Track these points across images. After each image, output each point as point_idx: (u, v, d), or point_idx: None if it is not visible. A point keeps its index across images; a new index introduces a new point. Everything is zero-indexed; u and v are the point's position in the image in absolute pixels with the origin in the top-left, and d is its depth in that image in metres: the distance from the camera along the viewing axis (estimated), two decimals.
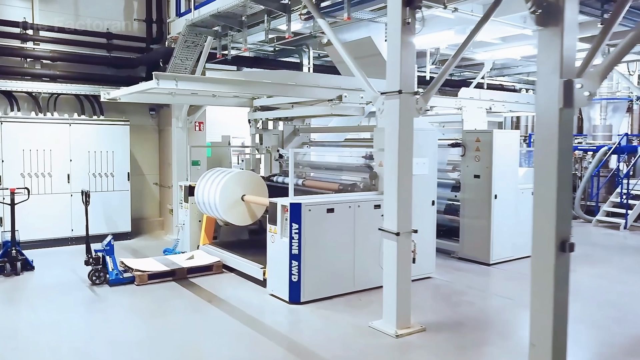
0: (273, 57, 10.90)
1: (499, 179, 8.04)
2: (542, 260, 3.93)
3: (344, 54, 5.84)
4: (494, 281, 7.36)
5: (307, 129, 9.72)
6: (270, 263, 6.51)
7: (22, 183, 8.75)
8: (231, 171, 7.97)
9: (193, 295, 6.54)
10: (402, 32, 5.01)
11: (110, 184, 9.70)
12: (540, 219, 3.92)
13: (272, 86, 6.41)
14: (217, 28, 8.28)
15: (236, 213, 7.77)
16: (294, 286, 6.12)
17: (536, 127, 3.98)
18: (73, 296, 6.46)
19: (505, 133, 8.51)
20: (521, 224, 8.39)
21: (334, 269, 6.40)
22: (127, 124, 9.83)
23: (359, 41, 8.23)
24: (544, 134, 3.84)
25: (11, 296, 6.57)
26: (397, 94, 5.08)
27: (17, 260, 7.33)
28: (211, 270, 7.50)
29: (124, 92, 7.09)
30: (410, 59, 5.13)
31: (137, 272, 6.98)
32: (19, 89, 9.18)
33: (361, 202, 6.58)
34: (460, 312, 5.99)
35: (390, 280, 5.28)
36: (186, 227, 8.67)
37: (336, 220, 6.37)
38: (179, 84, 5.70)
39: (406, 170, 5.20)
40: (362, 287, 6.62)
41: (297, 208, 6.08)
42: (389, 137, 5.21)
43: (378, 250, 6.68)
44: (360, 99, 7.18)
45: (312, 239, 6.16)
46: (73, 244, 9.30)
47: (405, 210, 5.23)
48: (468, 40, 5.63)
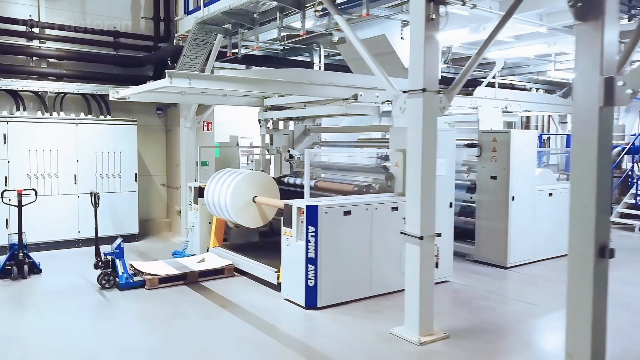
0: (282, 55, 10.71)
1: (516, 180, 7.85)
2: (580, 266, 3.72)
3: (363, 52, 5.66)
4: (513, 285, 7.17)
5: (318, 129, 9.54)
6: (285, 267, 6.32)
7: (28, 184, 8.58)
8: (242, 172, 7.79)
9: (205, 300, 6.36)
10: (425, 28, 4.82)
11: (118, 185, 9.52)
12: (577, 223, 3.72)
13: (287, 85, 6.23)
14: (228, 26, 8.10)
15: (247, 215, 7.59)
16: (311, 291, 5.93)
17: (573, 127, 3.79)
18: (82, 301, 6.28)
19: (523, 133, 8.32)
20: (538, 226, 8.23)
21: (351, 273, 6.21)
22: (135, 124, 9.65)
23: (373, 39, 8.03)
24: (583, 134, 3.65)
25: (19, 301, 6.40)
26: (420, 93, 4.89)
27: (25, 264, 7.15)
28: (223, 273, 7.32)
29: (133, 91, 6.91)
30: (434, 56, 4.94)
31: (148, 275, 6.80)
32: (24, 88, 9.01)
33: (378, 204, 6.39)
34: (482, 318, 5.80)
35: (412, 285, 5.10)
36: (196, 229, 8.48)
37: (353, 223, 6.18)
38: (192, 82, 5.51)
39: (430, 171, 5.01)
40: (379, 292, 6.43)
41: (313, 210, 5.89)
42: (412, 137, 5.03)
43: (396, 254, 6.53)
44: (376, 98, 6.99)
45: (329, 242, 5.97)
46: (80, 246, 9.13)
47: (429, 213, 5.05)
48: (492, 37, 5.42)
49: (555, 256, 8.50)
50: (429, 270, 5.09)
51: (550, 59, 11.74)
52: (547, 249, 8.43)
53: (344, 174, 8.11)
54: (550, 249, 8.47)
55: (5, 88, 8.84)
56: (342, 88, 6.67)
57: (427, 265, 5.07)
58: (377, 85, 7.05)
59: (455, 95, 5.25)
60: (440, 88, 5.03)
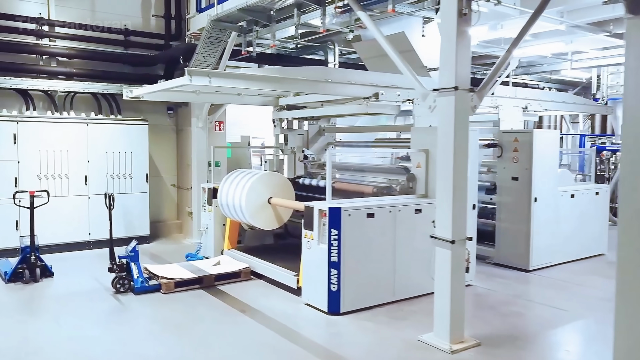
0: (295, 54, 10.52)
1: (539, 181, 7.65)
2: (631, 270, 3.51)
3: (389, 49, 5.47)
4: (538, 289, 6.97)
5: (333, 129, 9.35)
6: (306, 271, 6.14)
7: (38, 185, 8.41)
8: (257, 173, 7.60)
9: (223, 305, 6.18)
10: (457, 23, 4.64)
11: (129, 185, 9.34)
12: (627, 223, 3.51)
13: (309, 83, 6.05)
14: (243, 23, 7.91)
15: (263, 217, 7.41)
16: (333, 296, 5.75)
17: (624, 127, 3.58)
18: (97, 306, 6.10)
19: (546, 133, 8.16)
20: (560, 228, 8.03)
21: (374, 277, 6.03)
22: (146, 124, 9.47)
23: (392, 37, 7.82)
24: (634, 132, 3.45)
25: (32, 306, 6.22)
26: (452, 91, 4.70)
27: (37, 267, 6.98)
28: (239, 277, 7.14)
29: (149, 89, 6.73)
30: (466, 53, 4.77)
31: (163, 279, 6.62)
32: (34, 87, 8.83)
33: (402, 207, 6.20)
34: (511, 324, 5.61)
35: (443, 291, 4.91)
36: (210, 231, 8.30)
37: (376, 226, 5.99)
38: (212, 80, 5.33)
39: (461, 173, 4.83)
40: (402, 297, 6.25)
41: (336, 213, 5.70)
42: (443, 137, 4.84)
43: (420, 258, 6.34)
44: (397, 96, 6.80)
45: (352, 246, 5.79)
46: (90, 248, 8.96)
47: (460, 216, 4.86)
48: (523, 33, 5.28)
49: (576, 259, 8.33)
50: (459, 276, 4.90)
51: (566, 58, 11.54)
52: (569, 252, 8.24)
53: (362, 174, 7.91)
54: (571, 251, 8.28)
55: (15, 87, 8.67)
56: (362, 86, 6.48)
57: (458, 270, 4.89)
58: (398, 84, 6.90)
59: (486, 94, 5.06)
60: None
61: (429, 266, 5.14)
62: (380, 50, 8.63)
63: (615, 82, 13.49)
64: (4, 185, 8.20)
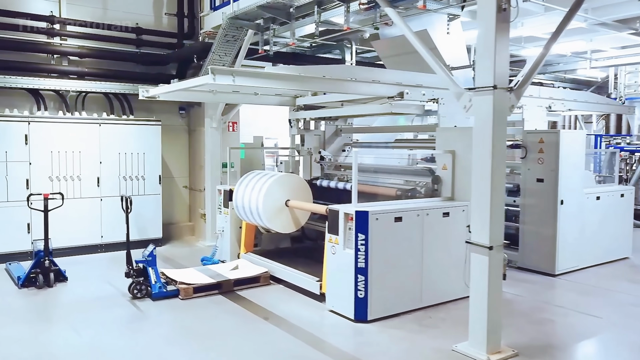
0: (310, 53, 10.32)
1: (565, 183, 7.44)
2: None
3: (419, 47, 5.27)
4: (567, 295, 6.74)
5: (350, 129, 9.14)
6: (331, 276, 5.93)
7: (50, 187, 8.22)
8: (273, 174, 7.38)
9: (245, 311, 5.97)
10: (497, 19, 4.43)
11: (141, 187, 9.15)
12: None
13: (333, 82, 5.83)
14: (260, 21, 7.72)
15: (280, 220, 7.19)
16: (360, 303, 5.54)
17: None
18: (115, 312, 5.90)
19: (572, 133, 7.93)
20: (586, 231, 7.82)
21: (401, 283, 5.82)
22: (159, 124, 9.28)
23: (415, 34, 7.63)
24: None
25: (48, 313, 6.03)
26: (490, 90, 4.49)
27: (50, 271, 6.78)
28: (258, 281, 6.94)
29: (166, 89, 6.53)
30: (505, 50, 4.55)
31: (182, 284, 6.43)
32: (45, 87, 8.64)
33: (429, 210, 5.99)
34: (546, 332, 5.39)
35: (479, 299, 4.70)
36: (226, 234, 8.10)
37: (404, 230, 5.79)
38: (236, 79, 5.12)
39: (499, 175, 4.62)
40: (430, 303, 6.04)
41: (363, 217, 5.49)
42: (480, 138, 4.63)
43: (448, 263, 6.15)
44: (422, 96, 6.59)
45: (380, 251, 5.58)
46: (103, 251, 8.78)
47: (498, 220, 4.65)
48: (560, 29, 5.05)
49: (601, 262, 8.12)
50: (497, 283, 4.70)
51: (585, 56, 11.32)
52: (594, 255, 8.04)
53: (383, 176, 7.68)
54: (596, 255, 8.08)
55: (26, 87, 8.48)
56: (387, 85, 6.27)
57: (495, 277, 4.68)
58: (423, 83, 6.69)
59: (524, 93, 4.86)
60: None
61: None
62: (400, 48, 8.51)
63: (633, 82, 13.26)
64: (15, 187, 8.02)
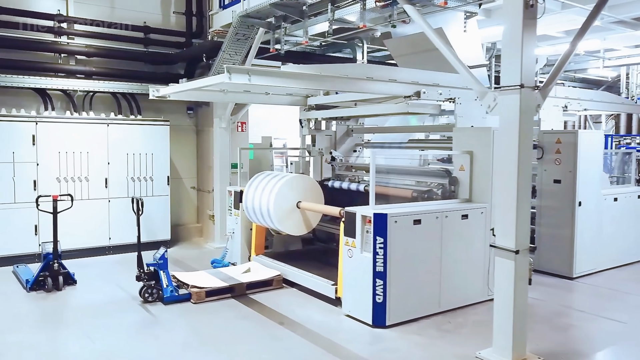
0: (320, 52, 10.17)
1: (583, 185, 7.29)
2: None
3: (441, 45, 5.11)
4: (588, 299, 6.59)
5: (362, 129, 9.00)
6: (347, 280, 5.79)
7: (58, 188, 8.10)
8: (284, 175, 7.24)
9: (259, 316, 5.83)
10: (524, 16, 4.28)
11: (149, 188, 9.01)
12: None
13: (350, 81, 5.69)
14: (271, 19, 7.57)
15: (291, 222, 7.04)
16: (379, 308, 5.40)
17: None
18: (127, 317, 5.77)
19: (590, 133, 7.78)
20: (603, 233, 7.68)
21: (420, 287, 5.68)
22: (167, 124, 9.14)
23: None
24: None
25: (58, 317, 5.90)
26: (517, 89, 4.35)
27: (59, 274, 6.66)
28: (271, 285, 6.80)
29: (177, 88, 6.40)
30: (532, 48, 4.41)
31: (194, 288, 6.29)
32: (52, 87, 8.51)
33: (448, 212, 5.85)
34: (571, 339, 5.25)
35: (504, 305, 4.56)
36: (236, 236, 7.96)
37: (422, 233, 5.64)
38: (252, 78, 4.99)
39: (526, 177, 4.48)
40: (448, 307, 5.91)
41: (382, 220, 5.35)
42: (506, 138, 4.49)
43: (466, 266, 6.01)
44: (439, 95, 6.45)
45: (399, 255, 5.44)
46: (111, 253, 8.65)
47: (524, 223, 4.51)
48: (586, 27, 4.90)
49: (619, 265, 7.97)
50: (522, 288, 4.55)
51: (598, 55, 11.16)
52: (612, 258, 7.89)
53: (396, 177, 7.52)
54: (614, 257, 7.94)
55: (33, 86, 8.34)
56: (404, 84, 6.13)
57: (522, 282, 4.54)
58: (440, 82, 6.55)
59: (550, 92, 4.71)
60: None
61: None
62: (413, 47, 8.37)
63: None
64: (22, 189, 7.89)
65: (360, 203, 6.06)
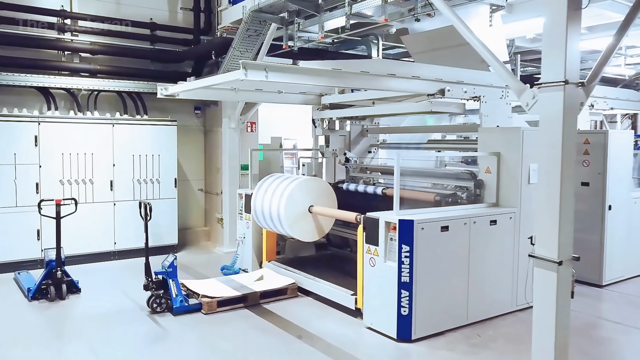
0: (333, 49, 9.81)
1: (613, 187, 6.92)
2: None
3: (472, 38, 4.76)
4: (622, 309, 6.22)
5: (377, 129, 8.64)
6: (369, 290, 5.43)
7: (61, 191, 7.77)
8: (296, 178, 6.86)
9: (276, 329, 5.48)
10: (568, 5, 3.92)
11: (156, 191, 8.67)
12: None
13: (372, 78, 5.33)
14: (284, 14, 7.23)
15: (303, 228, 6.64)
16: (404, 321, 5.04)
17: None
18: (134, 329, 5.43)
19: (621, 133, 7.42)
20: (633, 238, 7.31)
21: (447, 298, 5.33)
22: (175, 124, 8.80)
23: (450, 28, 7.13)
24: None
25: (62, 329, 5.56)
26: (561, 85, 3.99)
27: (62, 282, 6.32)
28: (285, 293, 6.45)
29: (186, 87, 6.06)
30: (577, 40, 4.05)
31: (205, 298, 5.94)
32: (56, 85, 8.17)
33: (476, 218, 5.49)
34: (611, 354, 4.91)
35: (544, 319, 4.19)
36: (247, 241, 7.62)
37: (450, 240, 5.29)
38: (269, 75, 4.64)
39: (569, 180, 4.11)
40: (476, 319, 5.55)
41: (408, 226, 4.99)
42: (547, 139, 4.12)
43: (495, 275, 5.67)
44: (463, 93, 6.09)
45: (425, 264, 5.08)
46: (116, 258, 8.31)
47: (568, 231, 4.14)
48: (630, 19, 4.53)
49: None
50: (565, 302, 4.18)
51: (620, 53, 10.78)
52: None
53: (415, 179, 7.15)
54: None
55: (36, 85, 8.01)
56: (428, 82, 5.77)
57: (564, 295, 4.17)
58: (464, 79, 6.19)
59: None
60: None
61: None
62: (432, 43, 8.00)
63: None
64: (24, 192, 7.56)
65: (378, 207, 5.71)
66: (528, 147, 5.84)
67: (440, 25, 7.80)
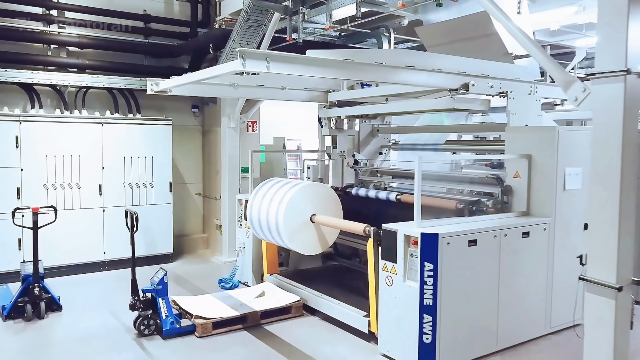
0: (340, 42, 9.15)
1: None
2: None
3: (509, 25, 4.09)
4: None
5: (389, 129, 7.98)
6: (385, 313, 4.76)
7: (44, 196, 7.13)
8: (296, 183, 6.16)
9: (279, 356, 4.81)
10: None
11: (150, 196, 8.03)
12: None
13: (390, 70, 4.66)
14: (288, 3, 6.57)
15: (304, 239, 5.93)
16: (426, 349, 4.37)
17: None
18: (117, 357, 4.77)
19: None
20: None
21: (475, 323, 4.65)
22: (170, 124, 8.16)
23: (472, 17, 6.48)
24: None
25: (36, 354, 4.89)
26: (621, 75, 3.31)
27: (41, 300, 5.68)
28: (289, 312, 5.78)
29: (180, 81, 5.41)
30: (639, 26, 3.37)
31: (199, 319, 5.28)
32: (40, 81, 7.53)
33: (507, 230, 4.82)
34: None
35: (598, 353, 3.52)
36: (247, 252, 6.96)
37: (478, 256, 4.61)
38: (271, 65, 3.99)
39: (630, 188, 3.44)
40: (506, 345, 4.89)
41: (432, 241, 4.32)
42: (603, 138, 3.45)
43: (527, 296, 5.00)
44: (489, 88, 5.41)
45: (451, 284, 4.41)
46: (105, 269, 7.67)
47: (628, 251, 3.47)
48: None
49: None
50: (624, 334, 3.51)
51: None
52: None
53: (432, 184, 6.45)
54: None
55: (18, 81, 7.37)
56: (451, 75, 5.10)
57: (623, 326, 3.50)
58: (490, 73, 5.52)
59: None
60: None
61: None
62: (449, 35, 7.33)
63: None
64: (4, 197, 6.91)
65: (392, 215, 5.05)
66: (563, 149, 5.17)
67: (457, 15, 7.17)
